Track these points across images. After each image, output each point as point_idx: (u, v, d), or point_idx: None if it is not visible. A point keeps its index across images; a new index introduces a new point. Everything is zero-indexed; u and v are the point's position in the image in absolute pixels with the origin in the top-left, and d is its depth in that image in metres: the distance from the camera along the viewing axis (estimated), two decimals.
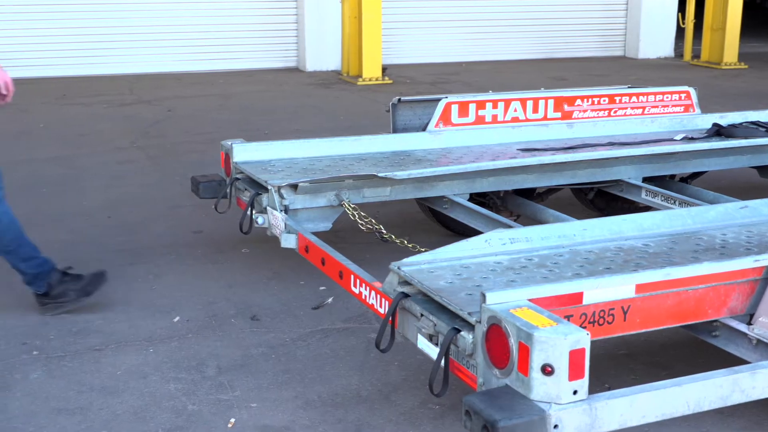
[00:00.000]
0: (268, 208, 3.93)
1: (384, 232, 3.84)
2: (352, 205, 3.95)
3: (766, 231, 3.42)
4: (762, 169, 5.29)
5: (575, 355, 2.22)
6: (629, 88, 5.33)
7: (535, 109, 4.96)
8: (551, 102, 5.00)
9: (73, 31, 11.54)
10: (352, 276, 3.20)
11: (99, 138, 7.89)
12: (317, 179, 3.97)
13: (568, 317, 2.49)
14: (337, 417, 3.17)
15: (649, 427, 2.46)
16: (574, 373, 2.23)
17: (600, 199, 5.23)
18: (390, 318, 2.80)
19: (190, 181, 4.54)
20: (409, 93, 10.17)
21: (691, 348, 3.58)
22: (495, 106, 4.88)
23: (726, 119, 5.26)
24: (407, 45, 13.27)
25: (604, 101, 5.12)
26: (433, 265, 2.94)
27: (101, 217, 5.53)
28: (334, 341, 3.80)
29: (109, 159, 7.05)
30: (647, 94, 5.24)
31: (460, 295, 2.68)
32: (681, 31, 14.19)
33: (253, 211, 3.99)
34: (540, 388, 2.24)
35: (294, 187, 3.91)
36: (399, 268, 2.88)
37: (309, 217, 4.00)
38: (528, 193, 4.84)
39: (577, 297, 2.56)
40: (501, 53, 13.80)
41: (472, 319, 2.49)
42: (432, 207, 4.61)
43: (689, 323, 2.83)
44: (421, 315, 2.69)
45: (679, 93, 5.31)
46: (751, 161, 5.05)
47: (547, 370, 2.22)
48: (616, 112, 5.15)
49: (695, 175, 5.32)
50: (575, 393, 2.25)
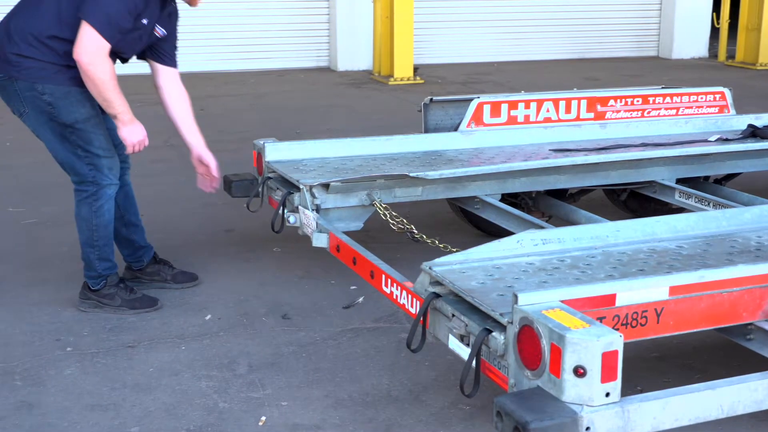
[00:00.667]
0: (299, 207, 3.94)
1: (415, 232, 3.84)
2: (383, 205, 3.95)
3: None
4: None
5: (608, 357, 2.21)
6: (663, 88, 5.28)
7: (568, 110, 4.93)
8: (584, 102, 4.96)
9: None
10: (383, 276, 3.20)
11: None
12: (349, 179, 3.97)
13: (600, 319, 2.47)
14: (368, 416, 3.18)
15: (682, 431, 2.44)
16: (606, 376, 2.22)
17: (633, 201, 5.19)
18: (421, 318, 2.80)
19: (222, 180, 4.56)
20: (441, 93, 10.17)
21: (725, 351, 3.54)
22: (527, 106, 4.86)
23: (761, 120, 5.19)
24: (439, 45, 13.26)
25: (637, 102, 5.08)
26: (465, 266, 2.94)
27: None
28: (364, 341, 3.80)
29: (143, 157, 6.99)
30: (681, 94, 5.19)
31: (491, 296, 2.67)
32: (715, 31, 14.07)
33: (285, 210, 4.00)
34: (572, 389, 2.23)
35: (326, 187, 3.92)
36: (430, 268, 2.88)
37: (340, 217, 4.00)
38: (560, 194, 4.82)
39: (610, 299, 2.54)
40: (533, 53, 13.75)
41: (503, 320, 2.48)
42: (463, 207, 4.61)
43: (723, 326, 2.81)
44: (453, 315, 2.69)
45: (714, 94, 5.25)
46: None
47: (580, 371, 2.20)
48: (649, 112, 5.11)
49: (730, 177, 5.26)
50: (608, 395, 2.23)
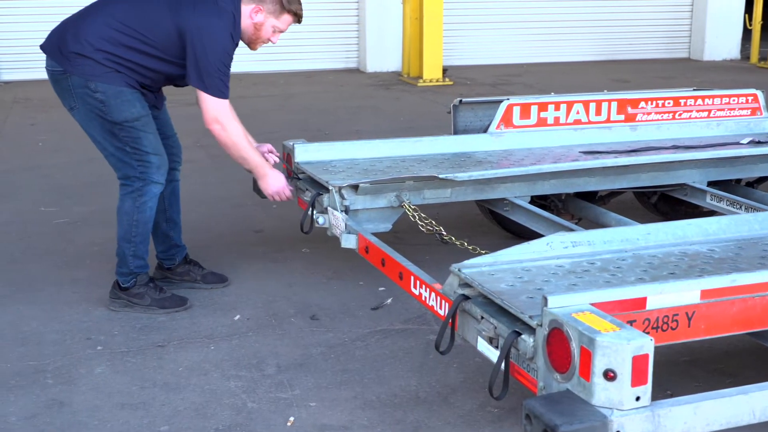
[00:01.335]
0: (328, 208, 3.94)
1: (444, 233, 3.84)
2: (412, 207, 3.95)
3: None
4: None
5: (638, 361, 2.19)
6: (694, 90, 5.23)
7: (598, 112, 4.90)
8: (614, 104, 4.93)
9: None
10: (412, 277, 3.20)
11: None
12: (378, 180, 3.98)
13: (630, 322, 2.45)
14: (396, 418, 3.18)
15: None
16: (636, 379, 2.20)
17: (663, 203, 5.15)
18: (450, 320, 2.80)
19: (251, 181, 4.58)
20: (470, 94, 10.16)
21: (758, 355, 3.51)
22: (557, 108, 4.83)
23: None
24: (468, 46, 13.23)
25: (668, 104, 5.04)
26: (494, 268, 2.92)
27: None
28: (392, 342, 3.80)
29: None
30: (713, 96, 5.15)
31: (521, 298, 2.66)
32: (748, 33, 13.93)
33: (314, 211, 4.01)
34: (602, 393, 2.21)
35: (355, 188, 3.92)
36: (459, 270, 2.87)
37: (369, 218, 4.00)
38: (590, 197, 4.79)
39: (641, 302, 2.52)
40: (563, 55, 13.68)
41: (533, 323, 2.47)
42: (492, 209, 4.59)
43: (755, 330, 2.78)
44: (482, 317, 2.68)
45: (746, 96, 5.20)
46: None
47: (610, 375, 2.19)
48: (680, 115, 5.06)
49: (762, 180, 5.20)
50: (638, 399, 2.22)
